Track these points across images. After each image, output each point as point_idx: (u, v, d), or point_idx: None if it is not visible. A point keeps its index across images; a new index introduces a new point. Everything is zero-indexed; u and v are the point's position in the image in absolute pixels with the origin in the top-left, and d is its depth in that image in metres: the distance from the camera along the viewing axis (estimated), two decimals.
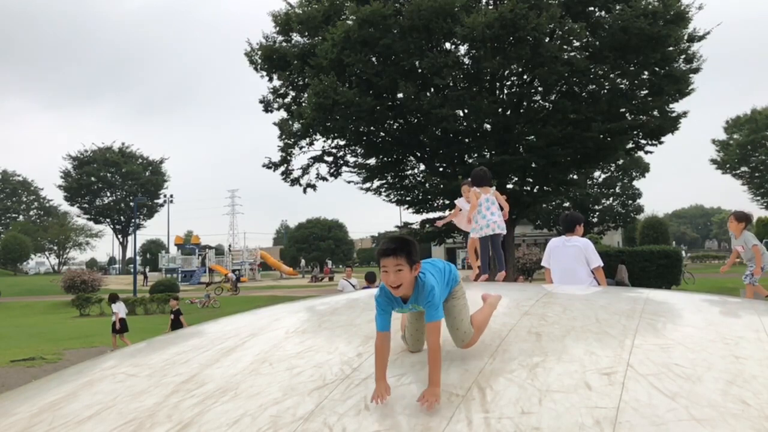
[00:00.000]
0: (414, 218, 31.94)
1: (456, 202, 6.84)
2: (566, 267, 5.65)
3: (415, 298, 2.38)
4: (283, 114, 29.84)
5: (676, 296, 4.12)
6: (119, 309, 14.86)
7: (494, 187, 6.27)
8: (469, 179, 6.52)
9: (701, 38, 25.00)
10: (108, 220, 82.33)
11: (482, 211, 6.02)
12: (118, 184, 79.94)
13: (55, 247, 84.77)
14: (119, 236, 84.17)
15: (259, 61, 28.42)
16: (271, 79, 29.04)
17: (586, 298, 3.83)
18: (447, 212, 25.83)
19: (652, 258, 25.90)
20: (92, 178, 78.33)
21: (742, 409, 2.04)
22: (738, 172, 64.17)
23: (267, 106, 29.80)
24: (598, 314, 3.14)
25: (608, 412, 2.02)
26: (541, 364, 2.42)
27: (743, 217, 6.90)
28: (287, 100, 29.50)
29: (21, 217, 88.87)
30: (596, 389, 2.20)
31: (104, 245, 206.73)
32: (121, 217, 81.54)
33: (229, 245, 67.76)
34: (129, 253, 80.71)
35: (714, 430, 1.91)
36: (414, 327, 2.62)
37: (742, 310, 3.48)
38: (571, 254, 5.67)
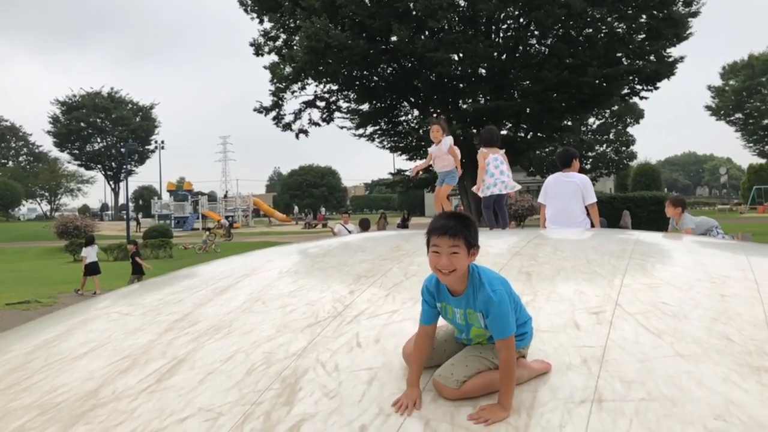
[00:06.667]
0: (408, 165, 31.84)
1: (429, 150, 6.80)
2: (562, 202, 5.70)
3: (472, 297, 1.92)
4: (274, 57, 29.31)
5: (666, 238, 4.16)
6: (88, 253, 15.07)
7: (503, 150, 6.25)
8: (438, 119, 6.53)
9: None
10: (99, 166, 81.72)
11: (490, 170, 6.01)
12: (108, 129, 78.97)
13: (47, 194, 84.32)
14: (111, 182, 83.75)
15: (249, 2, 27.69)
16: (261, 22, 28.37)
17: (577, 240, 3.86)
18: None
19: (643, 204, 26.06)
20: (81, 124, 77.32)
21: (726, 345, 2.09)
22: (732, 118, 63.93)
23: (258, 50, 29.19)
24: (588, 255, 3.17)
25: (595, 350, 2.06)
26: (531, 304, 2.45)
27: (679, 202, 7.05)
28: (278, 43, 28.90)
29: (10, 162, 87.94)
30: (584, 328, 2.23)
31: (96, 191, 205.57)
32: (113, 164, 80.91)
33: (225, 192, 67.62)
34: (121, 200, 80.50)
35: (698, 365, 1.95)
36: (446, 335, 2.11)
37: (730, 250, 3.52)
38: (568, 190, 5.70)
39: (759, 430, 1.65)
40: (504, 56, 25.87)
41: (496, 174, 5.98)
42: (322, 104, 30.11)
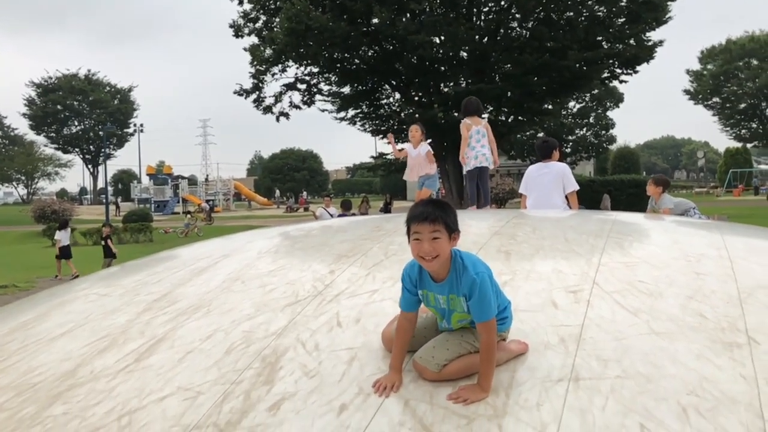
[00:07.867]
0: (389, 148, 31.70)
1: (407, 148, 6.83)
2: (543, 192, 5.68)
3: (455, 282, 1.92)
4: (254, 39, 28.97)
5: (644, 218, 4.20)
6: (62, 237, 15.02)
7: (485, 120, 6.29)
8: (417, 121, 6.61)
9: None
10: (77, 149, 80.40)
11: (472, 143, 6.07)
12: (86, 112, 77.60)
13: (23, 177, 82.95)
14: (89, 166, 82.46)
15: None
16: (241, 3, 28.02)
17: (556, 220, 3.88)
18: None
19: (622, 187, 26.43)
20: (58, 107, 75.85)
21: (700, 322, 2.12)
22: (710, 102, 64.64)
23: (237, 31, 28.83)
24: (566, 234, 3.19)
25: (573, 329, 2.07)
26: (510, 283, 2.45)
27: (661, 182, 7.06)
28: (258, 24, 28.57)
29: None
30: (562, 307, 2.24)
31: (74, 175, 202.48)
32: (91, 147, 79.62)
33: (206, 176, 67.05)
34: (100, 184, 79.47)
35: (673, 343, 1.98)
36: (426, 323, 2.10)
37: (706, 229, 3.57)
38: (548, 180, 5.70)
39: (731, 404, 1.68)
40: (485, 39, 25.85)
41: (477, 147, 6.08)
42: (302, 87, 29.90)
